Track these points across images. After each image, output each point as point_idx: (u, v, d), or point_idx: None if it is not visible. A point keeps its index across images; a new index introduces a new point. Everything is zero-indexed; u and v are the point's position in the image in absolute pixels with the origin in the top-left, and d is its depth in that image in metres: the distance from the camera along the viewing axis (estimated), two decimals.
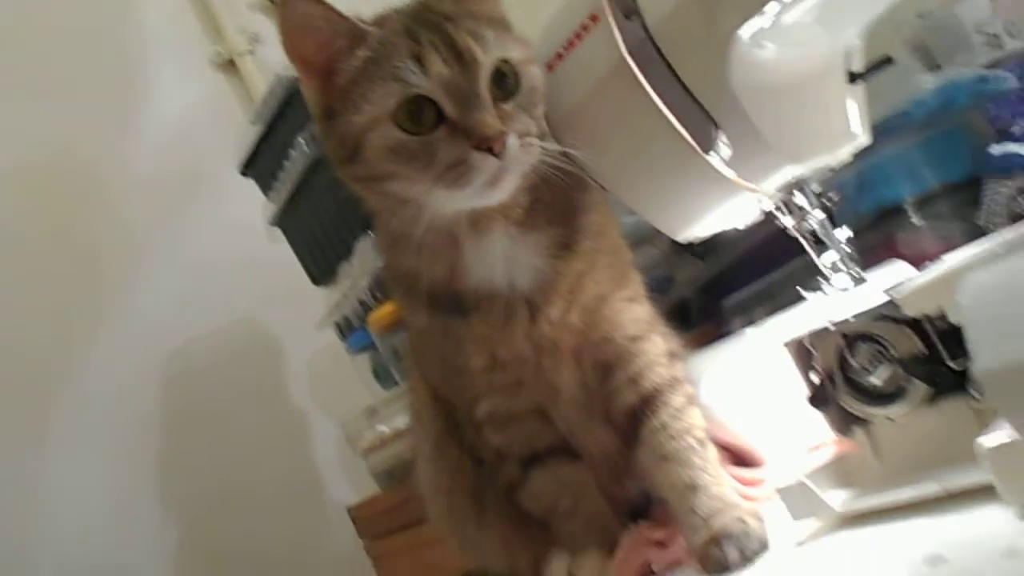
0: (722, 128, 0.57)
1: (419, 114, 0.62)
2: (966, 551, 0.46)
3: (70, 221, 1.77)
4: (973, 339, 0.45)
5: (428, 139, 0.62)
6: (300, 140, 1.30)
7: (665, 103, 0.57)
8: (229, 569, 1.70)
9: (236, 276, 1.86)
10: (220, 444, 1.78)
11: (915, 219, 1.02)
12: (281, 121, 1.36)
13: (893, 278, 0.74)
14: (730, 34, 0.52)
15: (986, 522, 0.48)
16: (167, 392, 1.77)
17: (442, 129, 0.61)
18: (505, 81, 0.63)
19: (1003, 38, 1.16)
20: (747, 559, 0.62)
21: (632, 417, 0.69)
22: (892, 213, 1.04)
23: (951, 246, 0.99)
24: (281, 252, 1.67)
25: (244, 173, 1.55)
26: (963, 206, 0.98)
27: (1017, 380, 0.43)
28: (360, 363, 1.61)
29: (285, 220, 1.53)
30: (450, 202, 0.63)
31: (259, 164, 1.50)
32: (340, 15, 0.64)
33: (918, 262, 0.91)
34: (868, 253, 0.99)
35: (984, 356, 0.44)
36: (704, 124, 0.56)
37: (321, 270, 1.55)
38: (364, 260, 1.40)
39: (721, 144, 0.57)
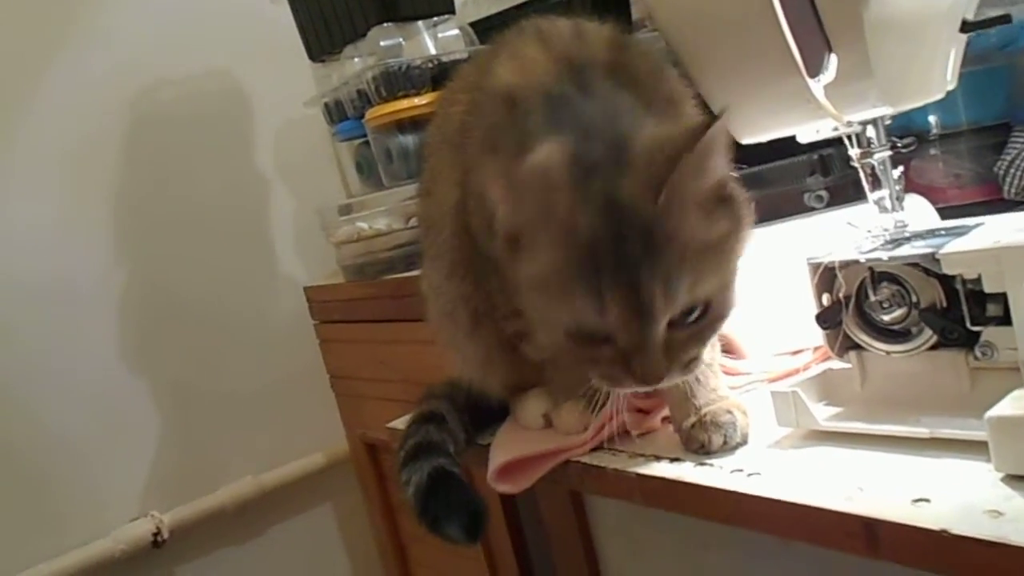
0: (834, 52, 0.56)
1: (589, 334, 0.62)
2: (950, 500, 0.51)
3: None
4: (1020, 320, 0.48)
5: (592, 352, 0.63)
6: None
7: (787, 13, 0.56)
8: (172, 307, 1.73)
9: (223, 26, 1.78)
10: (177, 187, 1.76)
11: (934, 150, 1.04)
12: None
13: (916, 216, 0.77)
14: None
15: (972, 477, 0.53)
16: (131, 126, 1.72)
17: (608, 348, 0.62)
18: (690, 312, 0.62)
19: None
20: (728, 447, 0.68)
21: None
22: (913, 138, 1.05)
23: (960, 185, 1.03)
24: (279, 14, 1.59)
25: None
26: (984, 149, 1.00)
27: None
28: (343, 151, 1.59)
29: None
30: None
31: None
32: (537, 195, 0.61)
33: (924, 192, 0.94)
34: None
35: None
36: (818, 46, 0.56)
37: (322, 46, 1.49)
38: (374, 47, 1.35)
39: (827, 69, 0.57)
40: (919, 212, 0.82)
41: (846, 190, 1.12)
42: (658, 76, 0.69)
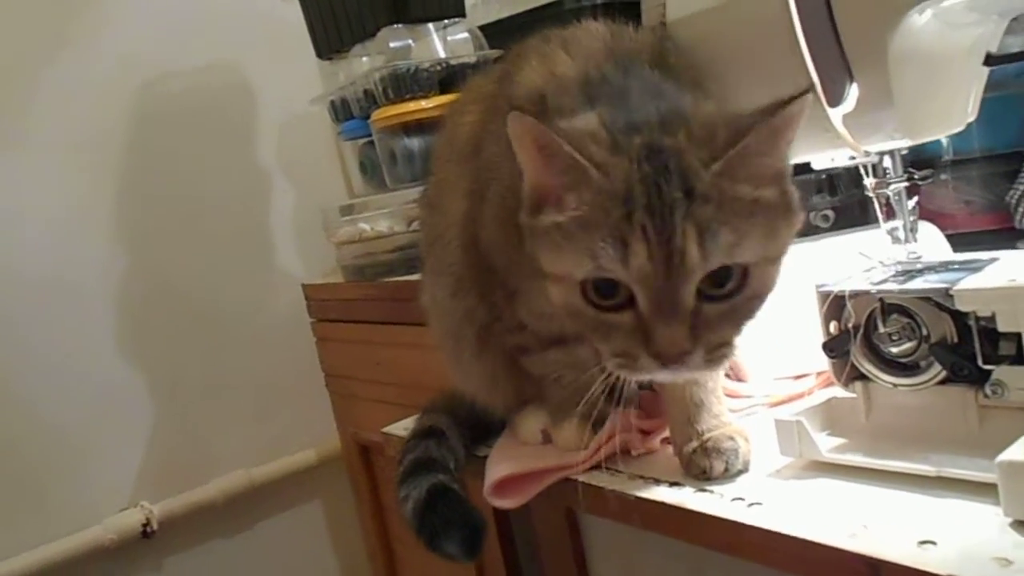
0: (856, 81, 0.55)
1: (609, 290, 0.56)
2: (957, 543, 0.50)
3: None
4: None
5: (608, 318, 0.57)
6: None
7: (808, 42, 0.55)
8: (169, 300, 1.72)
9: (231, 19, 1.77)
10: (179, 180, 1.75)
11: (945, 175, 1.03)
12: None
13: (927, 246, 0.76)
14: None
15: (979, 520, 0.52)
16: (135, 119, 1.70)
17: (627, 314, 0.56)
18: (725, 282, 0.56)
19: None
20: (729, 474, 0.67)
21: None
22: (925, 163, 1.04)
23: (971, 212, 1.03)
24: (288, 10, 1.58)
25: None
26: (996, 177, 1.00)
27: None
28: (347, 150, 1.58)
29: None
30: None
31: None
32: (569, 149, 0.56)
33: (934, 217, 0.93)
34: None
35: None
36: (840, 75, 0.55)
37: (330, 44, 1.47)
38: (383, 47, 1.34)
39: (848, 99, 0.56)
40: (930, 241, 0.81)
41: (852, 211, 1.11)
42: (704, 74, 0.65)
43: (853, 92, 0.56)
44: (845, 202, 1.12)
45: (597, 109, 0.59)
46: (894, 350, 0.66)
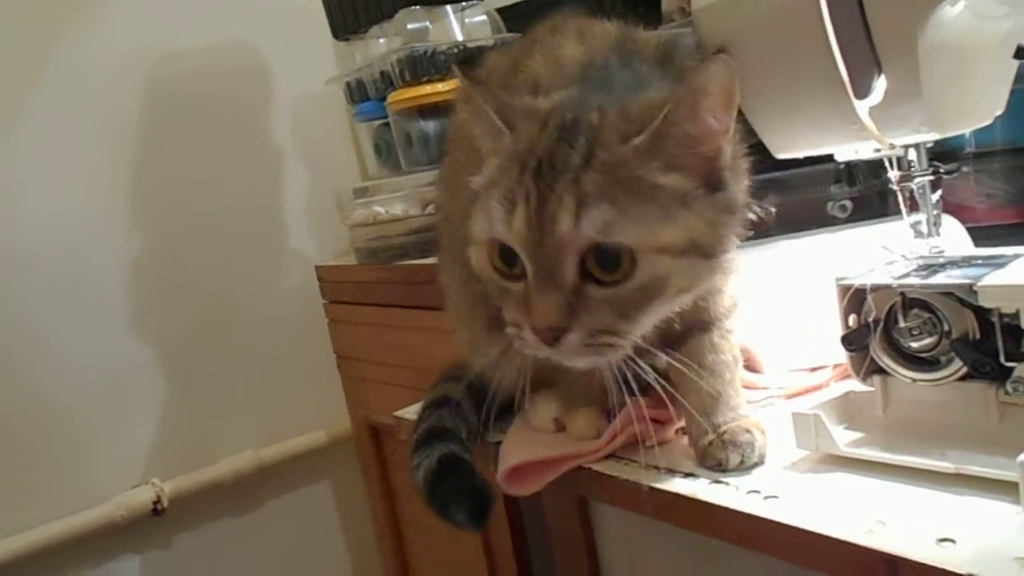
0: (884, 73, 0.54)
1: (511, 257, 0.57)
2: (976, 542, 0.50)
3: None
4: None
5: (507, 286, 0.59)
6: None
7: (837, 32, 0.54)
8: (181, 280, 1.72)
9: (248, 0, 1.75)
10: (192, 163, 1.75)
11: (967, 168, 1.02)
12: None
13: (948, 239, 0.75)
14: None
15: (998, 519, 0.52)
16: (148, 99, 1.70)
17: (521, 284, 0.57)
18: (611, 264, 0.55)
19: None
20: (745, 467, 0.67)
21: (687, 328, 0.70)
22: (947, 156, 1.03)
23: (992, 206, 1.02)
24: None
25: None
26: (1018, 171, 0.98)
27: None
28: (362, 132, 1.57)
29: None
30: None
31: None
32: (488, 110, 0.59)
33: (954, 209, 0.92)
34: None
35: None
36: (868, 68, 0.54)
37: (347, 24, 1.47)
38: (401, 29, 1.33)
39: (875, 91, 0.55)
40: (951, 235, 0.80)
41: (871, 201, 1.10)
42: None
43: (880, 84, 0.55)
44: (864, 192, 1.11)
45: (577, 90, 0.60)
46: (914, 345, 0.65)
